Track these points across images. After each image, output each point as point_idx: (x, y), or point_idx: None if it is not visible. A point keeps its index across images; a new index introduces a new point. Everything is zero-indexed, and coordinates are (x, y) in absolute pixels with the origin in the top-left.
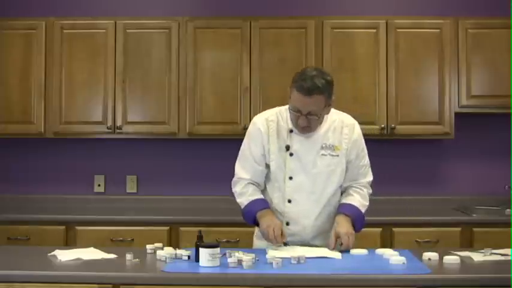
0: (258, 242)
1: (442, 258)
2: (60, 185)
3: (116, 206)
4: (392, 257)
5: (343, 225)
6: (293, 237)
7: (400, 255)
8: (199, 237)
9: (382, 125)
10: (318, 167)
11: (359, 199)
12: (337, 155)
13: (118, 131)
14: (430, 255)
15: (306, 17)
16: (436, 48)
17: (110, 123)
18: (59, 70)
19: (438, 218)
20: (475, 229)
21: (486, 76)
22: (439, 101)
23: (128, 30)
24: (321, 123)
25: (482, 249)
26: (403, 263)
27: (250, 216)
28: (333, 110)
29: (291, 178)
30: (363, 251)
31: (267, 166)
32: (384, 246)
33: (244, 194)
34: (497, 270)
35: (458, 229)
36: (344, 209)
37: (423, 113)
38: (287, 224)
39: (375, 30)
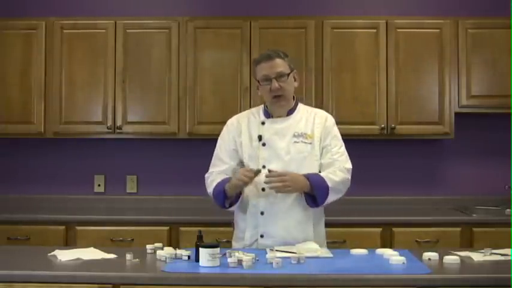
0: (235, 244)
1: (442, 258)
2: (60, 185)
3: (116, 206)
4: (392, 257)
5: (289, 172)
6: (268, 229)
7: (400, 255)
8: (199, 237)
9: (382, 125)
10: (290, 154)
11: (327, 172)
12: (310, 143)
13: (118, 131)
14: (430, 255)
15: (306, 17)
16: (436, 48)
17: (110, 123)
18: (59, 70)
19: (438, 218)
20: (475, 229)
21: (486, 76)
22: (439, 101)
23: (128, 30)
24: (292, 92)
25: (482, 249)
26: (403, 263)
27: (220, 192)
28: (307, 107)
29: (264, 167)
30: (363, 251)
31: (241, 163)
32: (384, 246)
33: (213, 181)
34: (497, 270)
35: (458, 229)
36: (305, 174)
37: (423, 113)
38: (261, 214)
39: (375, 30)
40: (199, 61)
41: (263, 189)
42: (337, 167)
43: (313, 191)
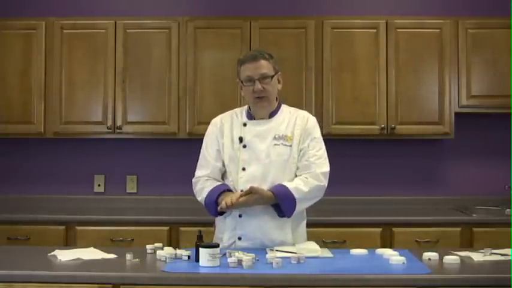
0: None
1: (442, 258)
2: (60, 185)
3: (116, 206)
4: (392, 257)
5: (252, 194)
6: (245, 231)
7: (400, 255)
8: (199, 237)
9: (382, 125)
10: (270, 157)
11: (296, 183)
12: (290, 145)
13: (118, 131)
14: (430, 255)
15: (306, 17)
16: (436, 48)
17: (110, 123)
18: (59, 70)
19: (438, 218)
20: (475, 229)
21: (486, 76)
22: (439, 101)
23: (128, 30)
24: (275, 94)
25: (482, 249)
26: (403, 263)
27: (212, 202)
28: (290, 108)
29: (244, 169)
30: (363, 251)
31: (224, 164)
32: (384, 246)
33: (203, 189)
34: (497, 270)
35: (458, 229)
36: (273, 188)
37: (423, 113)
38: (240, 216)
39: (375, 30)
40: (199, 61)
41: (242, 191)
42: (311, 174)
43: (280, 205)
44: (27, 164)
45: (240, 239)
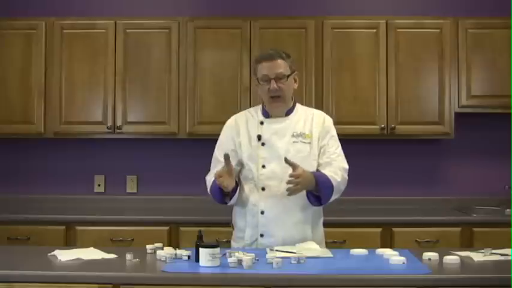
0: (235, 245)
1: (442, 258)
2: (60, 185)
3: (116, 206)
4: (393, 257)
5: (303, 173)
6: (268, 228)
7: (400, 255)
8: (199, 237)
9: (382, 125)
10: (290, 154)
11: (329, 171)
12: (309, 142)
13: (118, 131)
14: (430, 255)
15: (306, 17)
16: (436, 48)
17: (110, 123)
18: (59, 70)
19: (438, 218)
20: (475, 229)
21: (486, 76)
22: (439, 101)
23: (128, 30)
24: (290, 94)
25: (482, 249)
26: (403, 263)
27: (216, 188)
28: (305, 107)
29: (263, 166)
30: (363, 251)
31: (240, 164)
32: (384, 246)
33: (210, 180)
34: (497, 270)
35: (458, 229)
36: (312, 172)
37: (423, 113)
38: (262, 213)
39: (375, 30)
40: (199, 61)
41: (263, 189)
42: (337, 167)
43: (319, 191)
44: (27, 164)
45: (262, 236)
